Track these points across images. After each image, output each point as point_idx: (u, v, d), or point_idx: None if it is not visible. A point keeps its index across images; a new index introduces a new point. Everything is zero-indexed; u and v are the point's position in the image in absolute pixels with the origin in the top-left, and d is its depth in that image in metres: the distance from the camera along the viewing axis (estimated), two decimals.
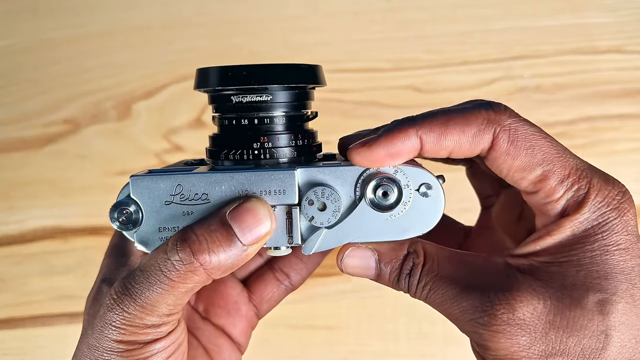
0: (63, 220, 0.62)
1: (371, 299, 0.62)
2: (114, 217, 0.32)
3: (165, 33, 0.61)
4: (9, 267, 0.62)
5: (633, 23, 0.60)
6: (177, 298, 0.30)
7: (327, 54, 0.61)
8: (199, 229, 0.30)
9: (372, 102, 0.61)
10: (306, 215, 0.32)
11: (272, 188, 0.32)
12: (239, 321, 0.40)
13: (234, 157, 0.34)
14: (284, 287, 0.41)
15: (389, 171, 0.32)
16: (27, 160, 0.62)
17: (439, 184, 0.32)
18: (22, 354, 0.63)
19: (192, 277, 0.30)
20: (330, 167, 0.32)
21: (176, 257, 0.29)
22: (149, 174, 0.32)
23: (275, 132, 0.34)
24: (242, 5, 0.61)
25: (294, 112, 0.35)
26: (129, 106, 0.61)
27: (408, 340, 0.62)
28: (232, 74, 0.33)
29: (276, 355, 0.62)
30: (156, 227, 0.32)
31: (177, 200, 0.32)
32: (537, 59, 0.60)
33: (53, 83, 0.61)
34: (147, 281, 0.30)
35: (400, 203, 0.32)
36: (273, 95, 0.34)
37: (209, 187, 0.32)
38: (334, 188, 0.32)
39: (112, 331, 0.30)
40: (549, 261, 0.30)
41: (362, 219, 0.32)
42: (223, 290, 0.40)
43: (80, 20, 0.61)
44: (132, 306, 0.30)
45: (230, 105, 0.34)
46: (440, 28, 0.60)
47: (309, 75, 0.35)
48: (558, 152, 0.31)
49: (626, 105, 0.60)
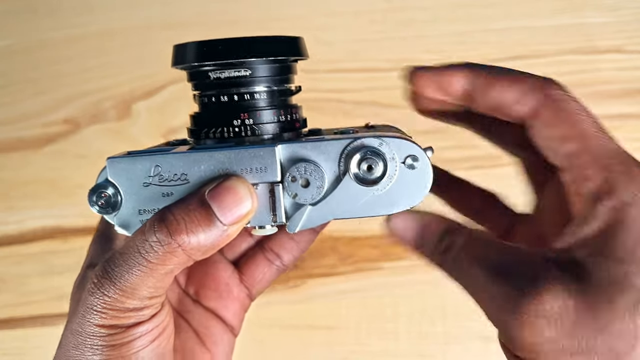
0: (63, 220, 0.62)
1: (371, 299, 0.62)
2: (92, 200, 0.31)
3: (165, 33, 0.61)
4: (8, 267, 0.62)
5: (633, 23, 0.60)
6: (158, 280, 0.30)
7: (327, 54, 0.61)
8: (176, 209, 0.29)
9: (372, 102, 0.61)
10: (289, 192, 0.31)
11: (253, 166, 0.31)
12: (230, 303, 0.39)
13: (214, 135, 0.33)
14: (275, 267, 0.40)
15: (374, 143, 0.31)
16: (26, 160, 0.62)
17: (425, 156, 0.31)
18: (22, 354, 0.63)
19: (171, 258, 0.29)
20: (313, 142, 0.31)
21: (154, 239, 0.29)
22: (127, 156, 0.31)
23: (256, 108, 0.33)
24: (242, 5, 0.61)
25: (275, 86, 0.34)
26: (129, 106, 0.61)
27: (408, 340, 0.62)
28: (209, 48, 0.32)
29: (276, 355, 0.62)
30: (136, 210, 0.31)
31: (155, 182, 0.31)
32: (537, 59, 0.60)
33: (53, 83, 0.61)
34: (126, 264, 0.29)
35: (386, 177, 0.31)
36: (252, 70, 0.32)
37: (188, 167, 0.31)
38: (317, 163, 0.31)
39: (94, 315, 0.30)
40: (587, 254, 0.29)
41: (347, 195, 0.31)
42: (214, 273, 0.39)
43: (80, 20, 0.61)
44: (112, 289, 0.29)
45: (209, 82, 0.33)
46: (440, 28, 0.60)
47: (289, 47, 0.33)
48: (597, 131, 0.30)
49: (626, 105, 0.60)
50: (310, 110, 0.61)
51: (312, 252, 0.61)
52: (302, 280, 0.62)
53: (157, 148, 0.34)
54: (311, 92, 0.61)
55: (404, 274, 0.61)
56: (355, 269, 0.62)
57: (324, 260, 0.62)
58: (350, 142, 0.31)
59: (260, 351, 0.61)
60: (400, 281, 0.61)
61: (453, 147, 0.60)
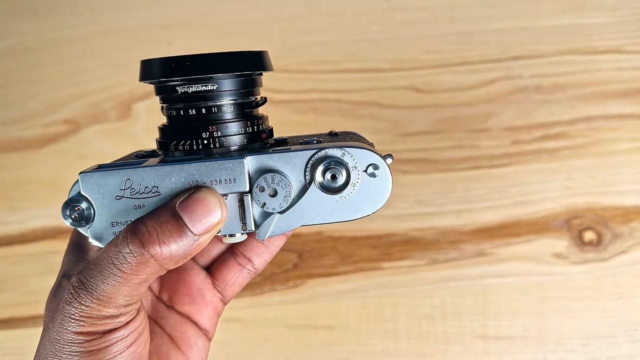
0: (63, 221, 0.62)
1: (371, 299, 0.62)
2: (66, 214, 0.32)
3: (165, 33, 0.61)
4: (9, 267, 0.62)
5: (633, 23, 0.60)
6: (132, 289, 0.31)
7: (327, 54, 0.61)
8: (148, 220, 0.30)
9: (372, 102, 0.61)
10: (258, 201, 0.32)
11: (222, 177, 0.32)
12: (204, 308, 0.40)
13: (183, 147, 0.34)
14: (246, 271, 0.41)
15: (337, 154, 0.32)
16: (27, 160, 0.62)
17: (385, 164, 0.33)
18: (22, 354, 0.63)
19: (144, 268, 0.30)
20: (280, 153, 0.33)
21: (127, 250, 0.30)
22: (98, 170, 0.32)
23: (223, 121, 0.34)
24: (242, 5, 0.61)
25: (241, 99, 0.35)
26: (128, 106, 0.61)
27: (408, 340, 0.62)
28: (176, 64, 0.33)
29: (276, 355, 0.62)
30: (109, 222, 0.32)
31: (127, 195, 0.32)
32: (537, 59, 0.60)
33: (53, 83, 0.61)
34: (101, 274, 0.30)
35: (349, 185, 0.33)
36: (219, 84, 0.34)
37: (159, 180, 0.32)
38: (284, 174, 0.32)
39: (72, 324, 0.30)
40: None
41: (313, 202, 0.33)
42: (186, 278, 0.40)
43: (80, 20, 0.61)
44: (89, 299, 0.30)
45: (177, 96, 0.34)
46: (440, 28, 0.60)
47: (253, 62, 0.35)
48: None
49: (626, 105, 0.60)
50: (310, 110, 0.61)
51: (312, 252, 0.62)
52: (302, 280, 0.62)
53: (128, 161, 0.35)
54: (311, 92, 0.61)
55: (404, 274, 0.61)
56: (355, 269, 0.62)
57: (324, 260, 0.62)
58: (315, 152, 0.32)
59: (260, 351, 0.62)
60: (400, 281, 0.61)
61: (453, 147, 0.60)
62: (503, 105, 0.60)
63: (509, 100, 0.60)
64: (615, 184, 0.60)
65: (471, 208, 0.61)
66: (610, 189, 0.60)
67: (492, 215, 0.61)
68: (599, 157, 0.60)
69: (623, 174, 0.60)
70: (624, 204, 0.60)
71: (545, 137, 0.60)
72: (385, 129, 0.61)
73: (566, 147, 0.60)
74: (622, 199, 0.60)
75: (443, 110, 0.60)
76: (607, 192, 0.60)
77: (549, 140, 0.60)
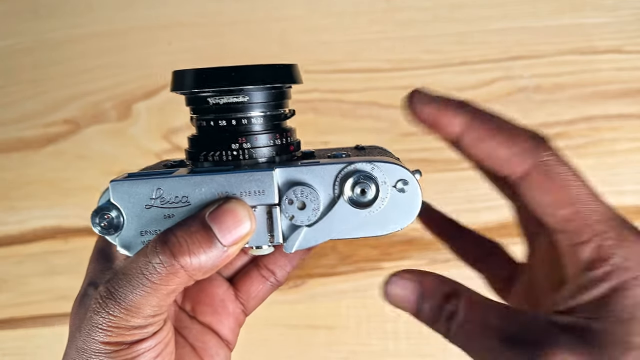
0: (63, 221, 0.62)
1: (371, 299, 0.62)
2: (95, 222, 0.32)
3: (165, 33, 0.61)
4: (9, 267, 0.62)
5: (633, 23, 0.60)
6: (161, 299, 0.30)
7: (327, 54, 0.61)
8: (179, 231, 0.30)
9: (372, 102, 0.61)
10: (286, 214, 0.32)
11: (252, 189, 0.32)
12: (226, 319, 0.40)
13: (213, 158, 0.34)
14: (269, 283, 0.41)
15: (366, 168, 0.32)
16: (27, 160, 0.62)
17: (415, 179, 0.33)
18: (22, 354, 0.63)
19: (173, 278, 0.30)
20: (309, 166, 0.33)
21: (157, 260, 0.30)
22: (129, 179, 0.32)
23: (253, 133, 0.34)
24: (242, 5, 0.61)
25: (271, 111, 0.35)
26: (129, 106, 0.61)
27: (408, 340, 0.62)
28: (209, 76, 0.33)
29: (276, 355, 0.62)
30: (138, 231, 0.32)
31: (157, 204, 0.32)
32: (536, 59, 0.60)
33: (53, 83, 0.61)
34: (130, 284, 0.30)
35: (378, 199, 0.32)
36: (250, 96, 0.34)
37: (189, 190, 0.32)
38: (313, 187, 0.32)
39: (99, 333, 0.30)
40: (589, 317, 0.30)
41: (341, 216, 0.33)
42: (209, 289, 0.41)
43: (80, 20, 0.61)
44: (117, 309, 0.30)
45: (207, 107, 0.34)
46: (440, 28, 0.60)
47: (285, 75, 0.35)
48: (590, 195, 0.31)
49: (626, 105, 0.60)
50: (310, 110, 0.61)
51: (312, 252, 0.62)
52: (302, 280, 0.62)
53: (157, 171, 0.35)
54: (311, 92, 0.61)
55: None
56: (355, 269, 0.62)
57: (324, 260, 0.62)
58: (345, 166, 0.32)
59: (260, 351, 0.62)
60: None
61: None
62: (503, 105, 0.60)
63: (509, 100, 0.60)
64: (615, 184, 0.60)
65: (471, 208, 0.61)
66: (610, 189, 0.60)
67: (492, 215, 0.61)
68: (598, 157, 0.60)
69: (623, 174, 0.60)
70: (624, 204, 0.60)
71: None
72: (385, 129, 0.61)
73: (566, 147, 0.60)
74: (622, 199, 0.60)
75: None
76: (607, 192, 0.60)
77: None
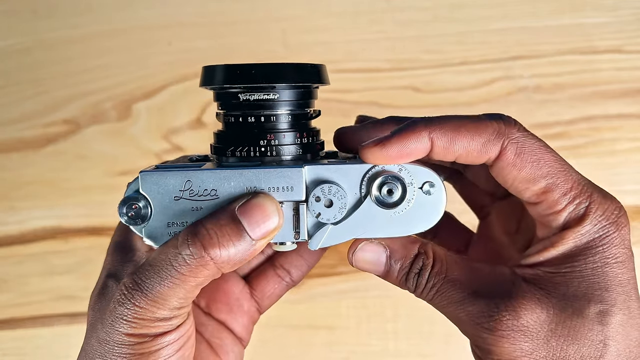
0: (63, 221, 0.62)
1: (371, 299, 0.62)
2: (122, 211, 0.32)
3: (165, 33, 0.61)
4: (9, 267, 0.62)
5: (633, 23, 0.60)
6: (188, 292, 0.31)
7: (327, 54, 0.61)
8: (209, 223, 0.31)
9: (372, 102, 0.61)
10: (313, 211, 0.33)
11: (280, 184, 0.32)
12: (240, 316, 0.41)
13: (240, 153, 0.34)
14: (285, 283, 0.42)
15: (394, 169, 0.33)
16: (27, 160, 0.62)
17: (441, 182, 0.33)
18: (22, 354, 0.63)
19: (202, 271, 0.30)
20: (337, 164, 0.33)
21: (187, 252, 0.30)
22: (158, 170, 0.33)
23: (281, 130, 0.34)
24: (242, 5, 0.61)
25: (299, 110, 0.35)
26: (129, 106, 0.61)
27: (408, 340, 0.62)
28: (241, 72, 0.33)
29: (276, 355, 0.62)
30: (165, 222, 0.32)
31: (186, 196, 0.32)
32: (536, 59, 0.60)
33: (53, 83, 0.61)
34: (158, 275, 0.30)
35: (404, 200, 0.33)
36: (280, 94, 0.34)
37: (218, 183, 0.32)
38: (340, 185, 0.33)
39: (123, 325, 0.30)
40: (553, 271, 0.31)
41: (367, 216, 0.33)
42: (225, 287, 0.41)
43: (80, 20, 0.61)
44: (144, 300, 0.30)
45: (237, 103, 0.34)
46: (440, 28, 0.60)
47: (315, 75, 0.35)
48: (562, 166, 0.32)
49: (626, 105, 0.60)
50: None
51: None
52: (302, 280, 0.62)
53: (184, 164, 0.35)
54: None
55: None
56: (355, 269, 0.62)
57: (324, 260, 0.62)
58: (372, 166, 0.33)
59: (260, 351, 0.62)
60: None
61: None
62: (503, 105, 0.60)
63: (509, 100, 0.60)
64: (615, 183, 0.60)
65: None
66: (610, 188, 0.60)
67: None
68: (599, 157, 0.60)
69: (623, 174, 0.60)
70: (624, 203, 0.60)
71: (545, 137, 0.60)
72: None
73: (566, 147, 0.60)
74: (622, 199, 0.60)
75: (443, 110, 0.60)
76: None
77: (548, 140, 0.60)
